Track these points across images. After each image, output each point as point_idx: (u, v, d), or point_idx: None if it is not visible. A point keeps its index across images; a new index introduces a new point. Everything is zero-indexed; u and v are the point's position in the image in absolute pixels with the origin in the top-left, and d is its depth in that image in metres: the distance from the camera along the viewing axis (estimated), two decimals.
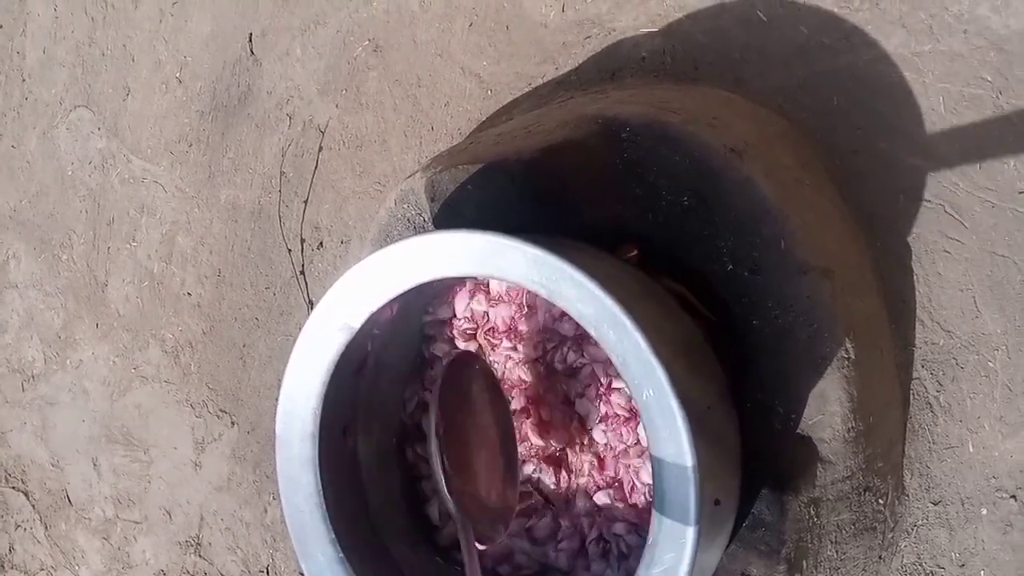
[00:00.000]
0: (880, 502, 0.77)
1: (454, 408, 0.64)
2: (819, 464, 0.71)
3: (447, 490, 0.62)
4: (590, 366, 0.70)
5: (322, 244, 1.15)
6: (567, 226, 0.74)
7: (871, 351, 0.74)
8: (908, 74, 0.80)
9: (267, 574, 1.22)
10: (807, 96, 0.83)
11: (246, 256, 1.21)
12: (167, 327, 1.28)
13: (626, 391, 0.69)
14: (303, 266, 1.17)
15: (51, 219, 1.39)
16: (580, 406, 0.71)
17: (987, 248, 0.78)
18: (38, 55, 1.41)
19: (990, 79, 0.77)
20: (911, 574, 0.82)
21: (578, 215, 0.75)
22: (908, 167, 0.80)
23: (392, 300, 0.65)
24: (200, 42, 1.24)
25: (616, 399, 0.70)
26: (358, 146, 1.12)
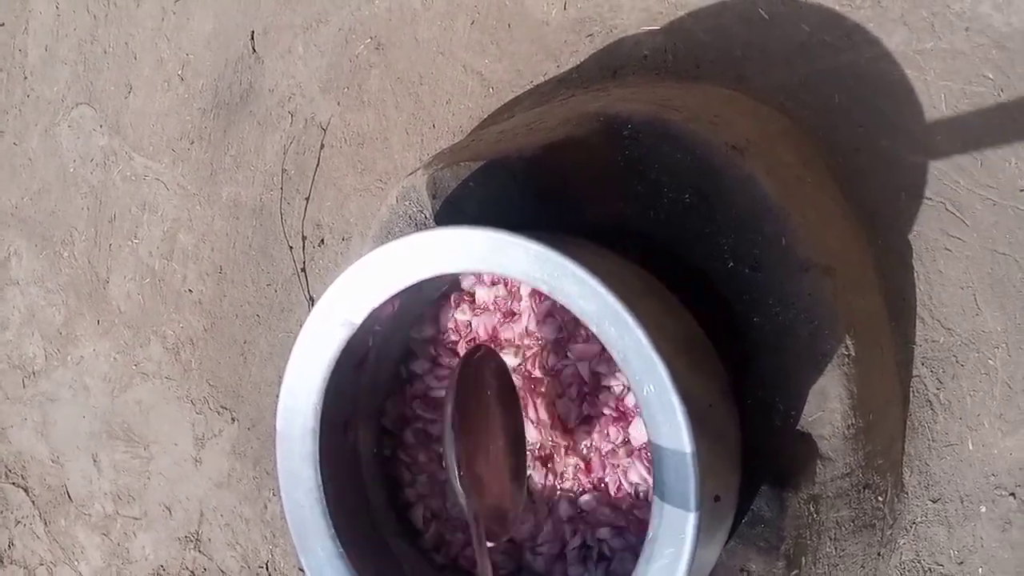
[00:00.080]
0: (879, 499, 0.77)
1: (466, 402, 0.63)
2: (819, 461, 0.71)
3: (459, 483, 0.61)
4: (573, 367, 0.70)
5: (323, 241, 1.15)
6: (569, 223, 0.74)
7: (872, 348, 0.74)
8: (910, 72, 0.80)
9: (267, 570, 1.22)
10: (809, 94, 0.83)
11: (247, 253, 1.21)
12: (168, 324, 1.28)
13: (615, 390, 0.69)
14: (304, 263, 1.17)
15: (53, 216, 1.39)
16: (561, 407, 0.70)
17: (988, 246, 0.78)
18: (40, 53, 1.41)
19: (992, 77, 0.77)
20: (910, 571, 0.82)
21: (580, 212, 0.75)
22: (909, 165, 0.80)
23: (393, 296, 0.65)
24: (202, 40, 1.24)
25: (604, 398, 0.69)
26: (360, 144, 1.12)
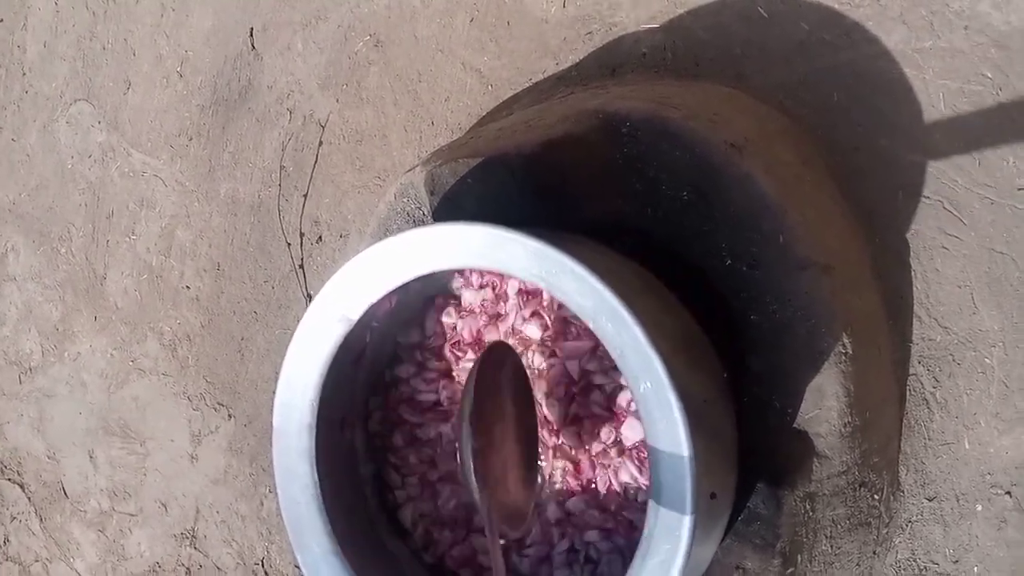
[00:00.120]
0: (875, 497, 0.77)
1: (483, 399, 0.61)
2: (815, 459, 0.71)
3: (475, 481, 0.59)
4: (561, 366, 0.69)
5: (321, 238, 1.15)
6: (567, 220, 0.74)
7: (869, 347, 0.74)
8: (908, 70, 0.80)
9: (262, 567, 1.22)
10: (808, 92, 0.83)
11: (245, 250, 1.21)
12: (165, 320, 1.28)
13: (607, 388, 0.68)
14: (302, 260, 1.17)
15: (50, 212, 1.39)
16: (549, 407, 0.70)
17: (985, 245, 0.78)
18: (39, 49, 1.41)
19: (990, 76, 0.77)
20: (905, 570, 0.82)
21: (578, 209, 0.75)
22: (908, 163, 0.80)
23: (391, 292, 0.65)
24: (201, 36, 1.24)
25: (594, 397, 0.68)
26: (358, 141, 1.12)
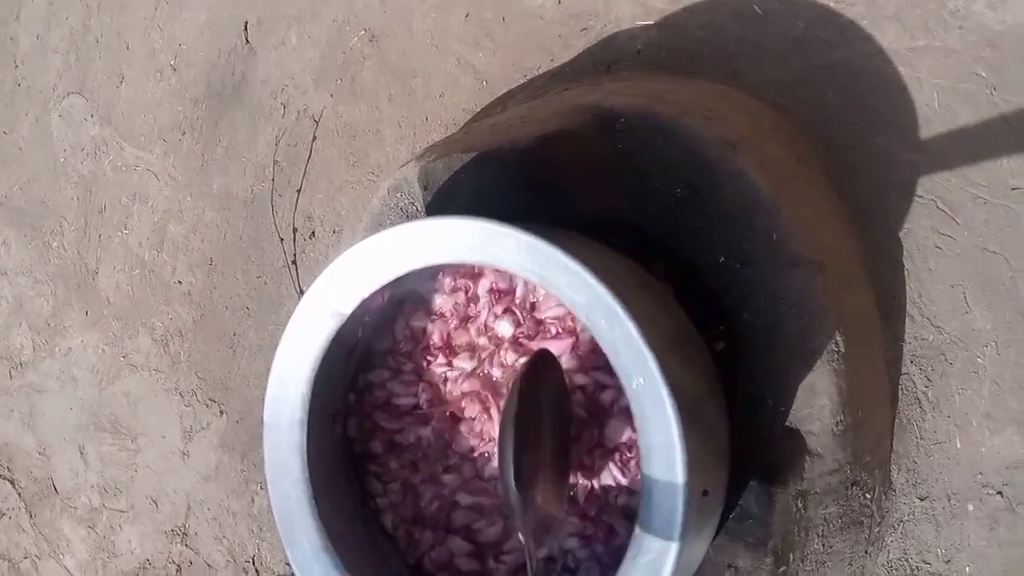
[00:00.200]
0: (867, 496, 0.77)
1: (524, 410, 0.60)
2: (807, 457, 0.71)
3: (516, 492, 0.57)
4: None
5: (314, 234, 1.15)
6: (561, 216, 0.74)
7: (861, 346, 0.74)
8: (903, 69, 0.80)
9: (253, 564, 1.21)
10: (802, 90, 0.83)
11: (238, 245, 1.21)
12: (157, 315, 1.28)
13: (588, 389, 0.67)
14: (295, 255, 1.16)
15: (42, 206, 1.38)
16: None
17: (978, 244, 0.78)
18: (31, 41, 1.40)
19: (984, 75, 0.77)
20: (897, 569, 0.82)
21: (572, 205, 0.75)
22: (902, 162, 0.80)
23: (384, 287, 0.64)
24: (195, 30, 1.23)
25: (576, 398, 0.67)
26: (352, 136, 1.11)
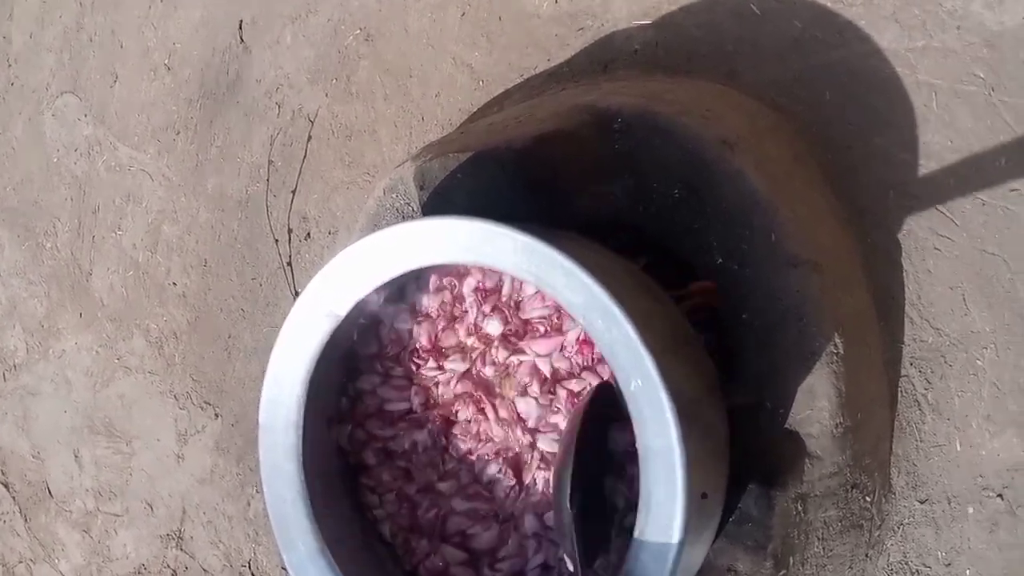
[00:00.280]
0: (867, 499, 0.77)
1: (583, 440, 0.60)
2: (807, 460, 0.70)
3: (571, 520, 0.57)
4: (531, 361, 0.67)
5: (309, 235, 1.14)
6: (558, 216, 0.74)
7: (860, 347, 0.74)
8: (901, 69, 0.79)
9: (249, 569, 1.20)
10: (800, 90, 0.83)
11: (232, 246, 1.20)
12: (151, 317, 1.27)
13: (575, 390, 0.66)
14: (290, 257, 1.16)
15: (35, 207, 1.37)
16: (522, 405, 0.67)
17: (977, 246, 0.78)
18: (25, 40, 1.39)
19: (982, 76, 0.77)
20: (897, 572, 0.81)
21: (569, 205, 0.74)
22: (900, 162, 0.79)
23: (379, 288, 0.64)
24: (189, 28, 1.23)
25: (568, 399, 0.66)
26: (347, 136, 1.11)
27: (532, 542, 0.68)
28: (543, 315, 0.67)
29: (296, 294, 1.15)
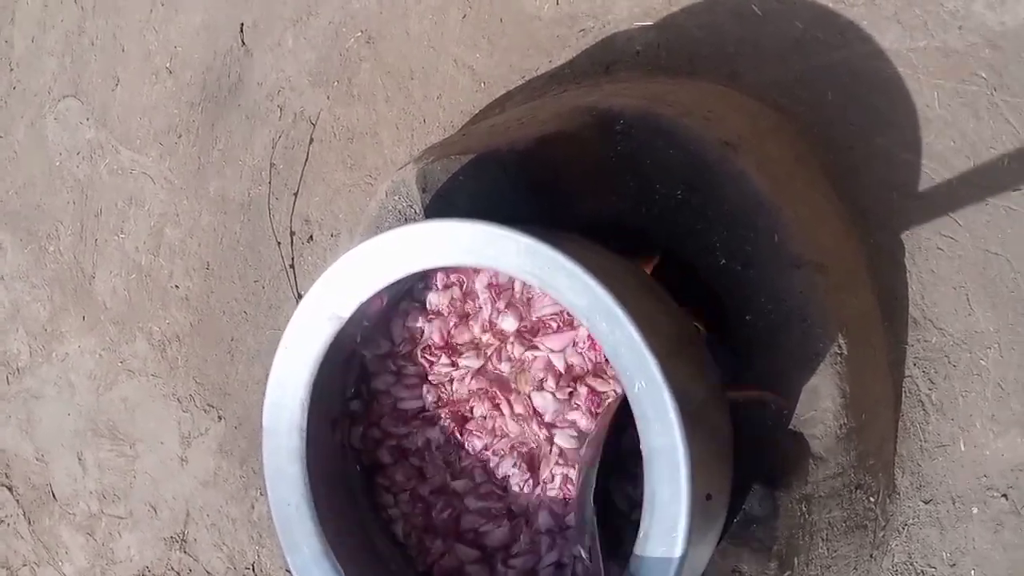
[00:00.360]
0: (871, 500, 0.77)
1: (611, 433, 0.61)
2: (811, 460, 0.70)
3: (595, 505, 0.59)
4: (545, 355, 0.67)
5: (312, 237, 1.14)
6: (561, 218, 0.74)
7: (864, 348, 0.74)
8: (903, 70, 0.79)
9: (253, 571, 1.20)
10: (802, 90, 0.83)
11: (235, 249, 1.20)
12: (154, 320, 1.27)
13: (593, 385, 0.66)
14: (292, 259, 1.16)
15: (38, 210, 1.38)
16: (539, 400, 0.67)
17: (980, 246, 0.78)
18: (27, 44, 1.39)
19: (985, 76, 0.77)
20: (902, 573, 0.81)
21: (572, 207, 0.74)
22: (902, 163, 0.79)
23: (382, 290, 0.64)
24: (191, 32, 1.23)
25: (586, 393, 0.66)
26: (349, 138, 1.11)
27: (545, 539, 0.68)
28: (554, 312, 0.67)
29: (299, 297, 1.15)
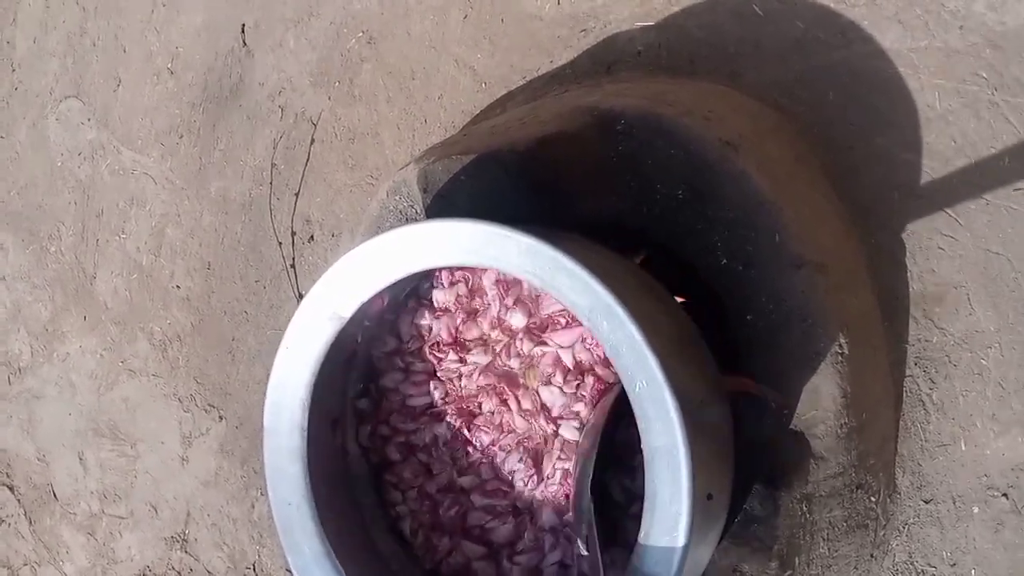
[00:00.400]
0: (872, 499, 0.77)
1: (609, 424, 0.62)
2: (812, 460, 0.70)
3: (591, 494, 0.59)
4: (554, 351, 0.67)
5: (313, 237, 1.14)
6: (562, 218, 0.74)
7: (864, 347, 0.74)
8: (904, 70, 0.79)
9: (254, 570, 1.20)
10: (803, 90, 0.83)
11: (236, 249, 1.20)
12: (155, 320, 1.27)
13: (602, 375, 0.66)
14: (293, 259, 1.16)
15: (40, 210, 1.38)
16: (546, 395, 0.67)
17: (981, 245, 0.78)
18: (28, 45, 1.40)
19: (985, 76, 0.77)
20: (902, 572, 0.81)
21: (573, 207, 0.74)
22: (903, 162, 0.79)
23: (383, 290, 0.64)
24: (192, 32, 1.23)
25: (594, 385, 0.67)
26: (350, 139, 1.11)
27: (549, 537, 0.68)
28: (562, 308, 0.67)
29: (300, 297, 1.15)
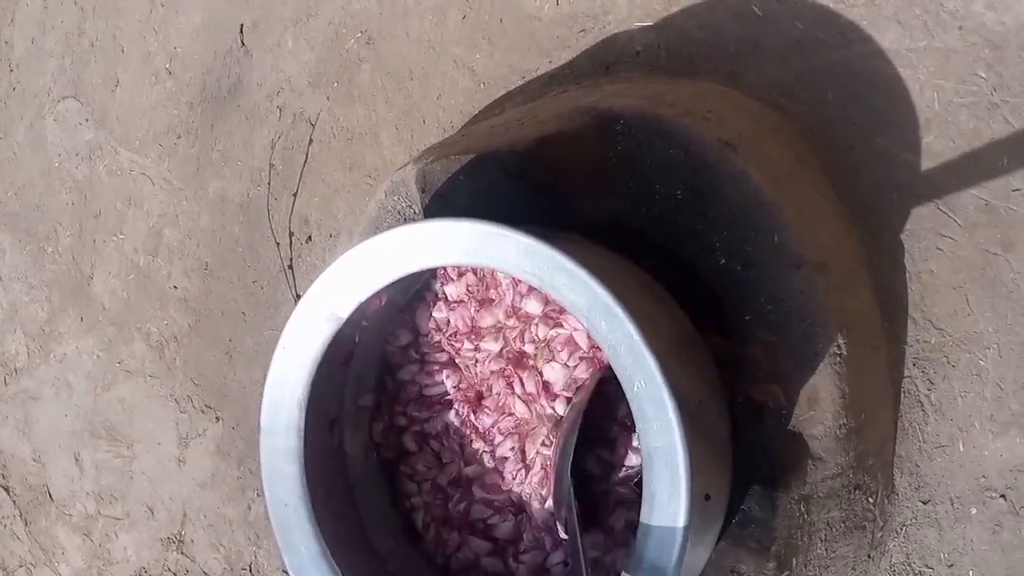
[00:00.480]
0: (870, 500, 0.76)
1: (593, 404, 0.63)
2: (810, 461, 0.70)
3: (570, 476, 0.60)
4: (568, 333, 0.68)
5: (311, 238, 1.14)
6: (560, 218, 0.74)
7: (863, 348, 0.74)
8: (903, 70, 0.79)
9: (250, 571, 1.20)
10: (803, 91, 0.83)
11: (234, 250, 1.20)
12: (152, 321, 1.27)
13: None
14: (291, 260, 1.16)
15: (37, 211, 1.37)
16: (550, 371, 0.68)
17: (980, 246, 0.78)
18: (26, 45, 1.39)
19: (984, 76, 0.77)
20: (900, 573, 0.81)
21: (571, 207, 0.74)
22: (902, 163, 0.79)
23: (381, 290, 0.64)
24: (191, 33, 1.23)
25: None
26: (349, 139, 1.11)
27: (547, 537, 0.69)
28: None
29: (297, 297, 1.15)
